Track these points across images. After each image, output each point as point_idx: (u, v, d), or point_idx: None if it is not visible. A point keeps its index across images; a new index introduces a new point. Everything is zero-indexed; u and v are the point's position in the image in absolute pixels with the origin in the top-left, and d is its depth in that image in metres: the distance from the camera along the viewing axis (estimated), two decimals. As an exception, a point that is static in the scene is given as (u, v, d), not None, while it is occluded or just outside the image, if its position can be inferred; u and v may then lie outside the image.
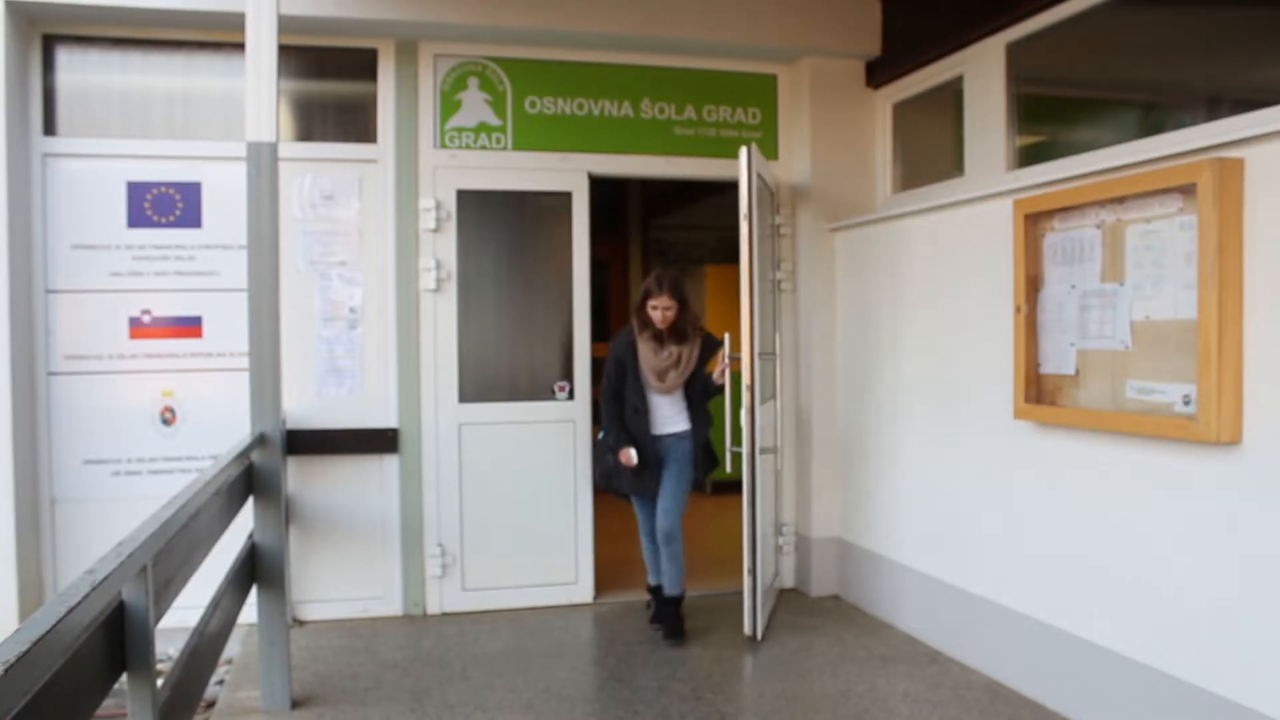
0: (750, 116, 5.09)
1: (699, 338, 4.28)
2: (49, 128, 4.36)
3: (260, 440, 3.44)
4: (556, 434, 4.85)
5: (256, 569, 3.49)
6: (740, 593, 4.29)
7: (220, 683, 3.81)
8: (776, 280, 5.02)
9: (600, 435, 4.40)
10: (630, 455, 4.20)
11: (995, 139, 4.13)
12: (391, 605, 4.68)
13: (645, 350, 4.22)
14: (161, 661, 2.51)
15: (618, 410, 4.27)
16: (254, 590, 3.51)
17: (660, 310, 4.17)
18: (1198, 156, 2.79)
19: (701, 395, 4.33)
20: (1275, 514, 2.63)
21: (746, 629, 4.25)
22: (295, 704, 3.54)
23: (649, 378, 4.23)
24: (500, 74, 4.78)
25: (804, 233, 5.02)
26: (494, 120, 4.78)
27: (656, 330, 4.19)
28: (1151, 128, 3.46)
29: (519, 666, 3.96)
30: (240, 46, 3.49)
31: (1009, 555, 3.70)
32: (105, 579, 1.71)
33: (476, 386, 4.78)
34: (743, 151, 4.20)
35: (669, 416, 4.30)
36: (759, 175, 4.33)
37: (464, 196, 4.73)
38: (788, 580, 5.11)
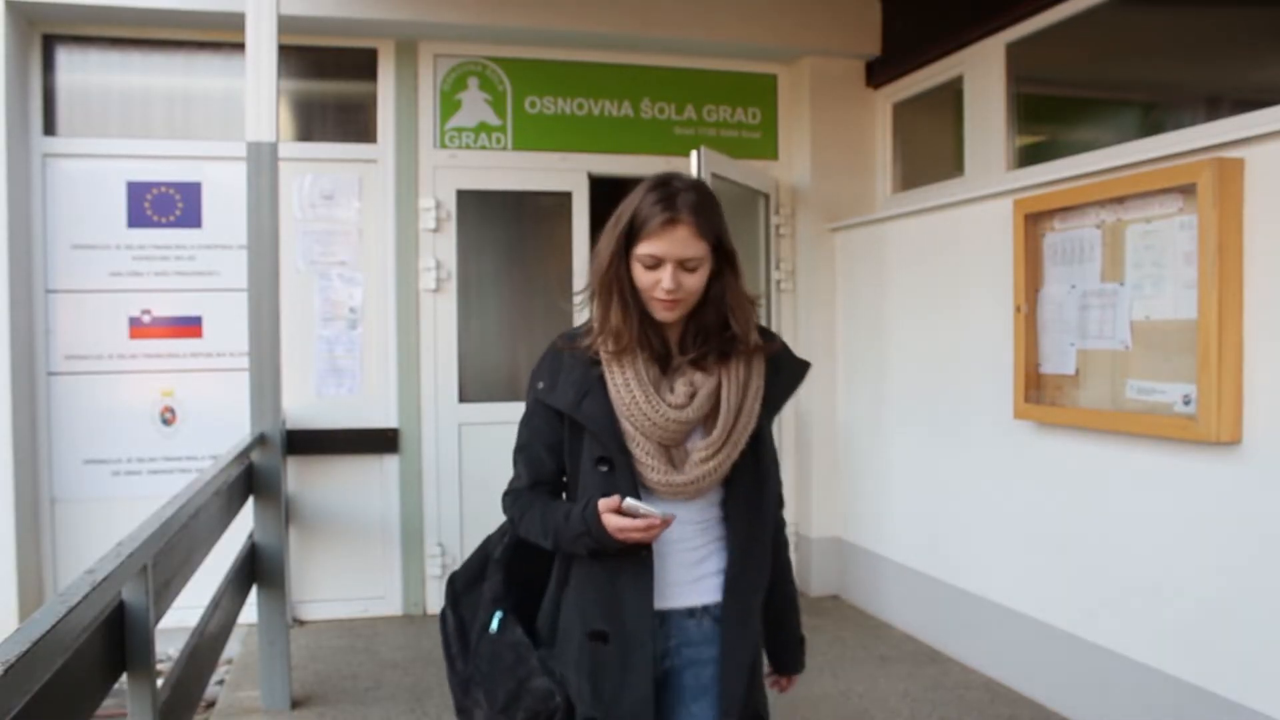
0: (750, 116, 5.09)
1: (762, 354, 1.76)
2: (49, 128, 4.36)
3: (260, 440, 3.44)
4: (556, 434, 4.83)
5: (256, 569, 3.49)
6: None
7: (220, 683, 3.81)
8: (776, 280, 5.02)
9: (497, 624, 1.77)
10: (631, 515, 1.59)
11: (995, 139, 4.12)
12: (391, 605, 4.67)
13: (625, 383, 1.68)
14: (161, 661, 2.51)
15: (544, 541, 1.71)
16: (254, 590, 3.51)
17: (670, 267, 1.65)
18: (1198, 156, 2.79)
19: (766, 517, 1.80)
20: (1275, 514, 2.63)
21: None
22: (295, 704, 3.54)
23: (642, 452, 1.67)
24: (500, 74, 4.78)
25: (804, 233, 5.02)
26: (494, 120, 4.78)
27: (652, 332, 1.71)
28: (1151, 128, 3.46)
29: (519, 666, 3.95)
30: (240, 46, 3.49)
31: (1009, 555, 3.70)
32: (105, 579, 1.71)
33: (477, 386, 4.77)
34: (693, 154, 4.14)
35: (690, 560, 1.74)
36: (713, 175, 4.23)
37: (464, 196, 4.73)
38: (788, 580, 5.10)
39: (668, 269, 1.65)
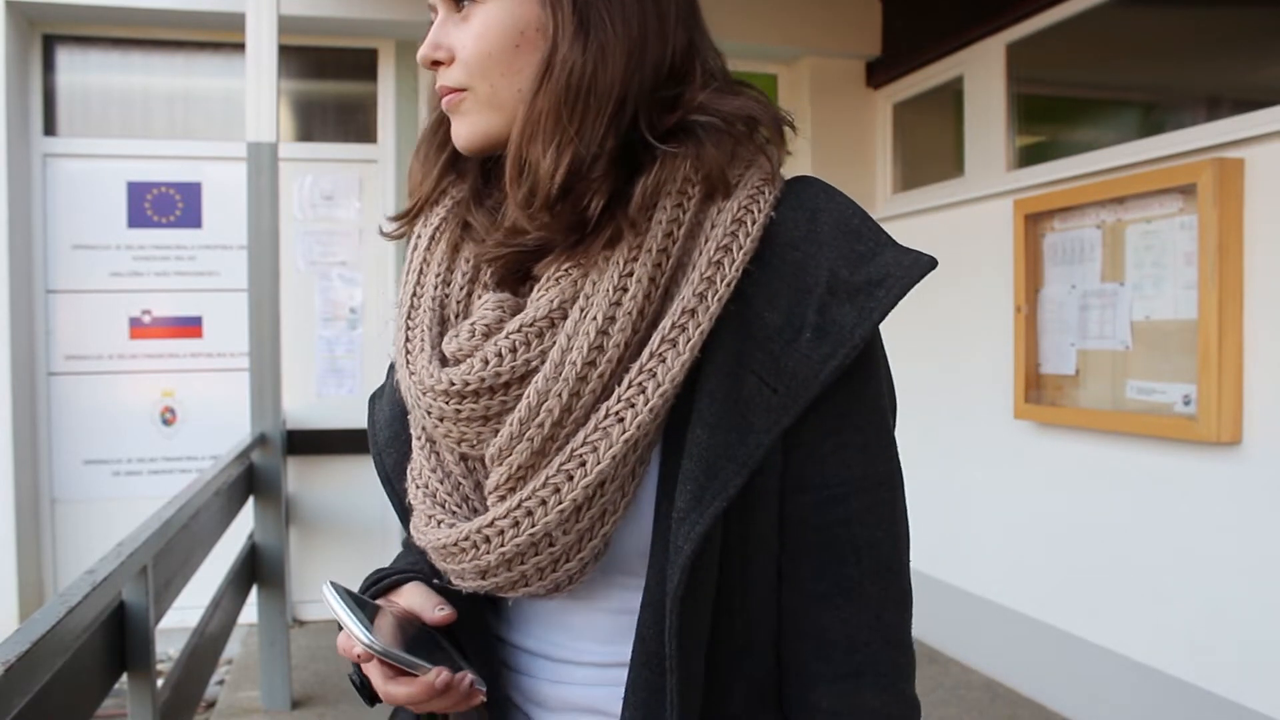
0: (750, 116, 5.09)
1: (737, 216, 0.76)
2: (49, 128, 4.36)
3: (260, 440, 3.44)
4: (556, 434, 4.83)
5: (256, 569, 3.49)
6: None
7: (220, 683, 3.81)
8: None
9: None
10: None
11: (995, 139, 4.12)
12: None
13: (406, 312, 0.85)
14: (161, 661, 2.51)
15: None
16: (254, 590, 3.51)
17: (439, 18, 0.79)
18: (1198, 157, 2.79)
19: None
20: (1275, 514, 2.63)
21: None
22: (295, 704, 3.54)
23: (418, 470, 0.82)
24: (500, 74, 4.78)
25: (804, 233, 5.01)
26: (494, 120, 4.78)
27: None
28: (1151, 128, 3.45)
29: (519, 666, 3.95)
30: (240, 46, 3.49)
31: (1008, 555, 3.70)
32: (105, 579, 1.71)
33: (476, 386, 4.77)
34: None
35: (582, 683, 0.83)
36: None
37: (464, 196, 4.72)
38: (788, 580, 5.11)
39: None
